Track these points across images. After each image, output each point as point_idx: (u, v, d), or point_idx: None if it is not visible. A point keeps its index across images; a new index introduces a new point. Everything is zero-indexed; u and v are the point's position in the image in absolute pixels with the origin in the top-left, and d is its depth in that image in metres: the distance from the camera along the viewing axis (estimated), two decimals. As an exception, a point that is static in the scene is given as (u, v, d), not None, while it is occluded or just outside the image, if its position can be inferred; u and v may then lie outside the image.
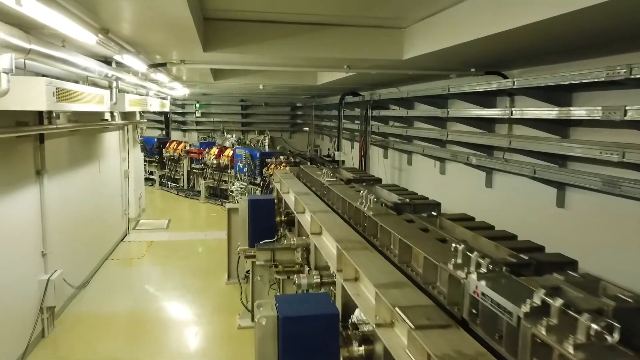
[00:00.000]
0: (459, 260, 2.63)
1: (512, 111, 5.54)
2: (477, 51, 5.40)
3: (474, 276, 2.41)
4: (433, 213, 4.09)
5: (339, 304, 3.40)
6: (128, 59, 5.12)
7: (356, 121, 13.47)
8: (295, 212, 5.40)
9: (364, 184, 5.77)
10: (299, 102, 19.83)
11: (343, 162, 12.76)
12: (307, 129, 19.94)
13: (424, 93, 8.21)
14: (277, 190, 7.76)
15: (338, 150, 12.69)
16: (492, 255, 2.67)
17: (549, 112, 4.99)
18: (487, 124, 7.07)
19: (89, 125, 7.34)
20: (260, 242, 5.74)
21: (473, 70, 6.55)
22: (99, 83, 6.91)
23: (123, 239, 10.36)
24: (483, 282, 2.27)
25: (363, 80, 9.49)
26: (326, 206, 4.91)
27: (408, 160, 10.35)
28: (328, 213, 4.51)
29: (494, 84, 6.02)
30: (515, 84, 5.46)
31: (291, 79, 10.53)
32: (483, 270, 2.44)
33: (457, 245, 2.70)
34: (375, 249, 3.53)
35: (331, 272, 4.11)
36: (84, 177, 7.70)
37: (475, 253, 2.53)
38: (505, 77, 6.65)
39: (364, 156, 11.11)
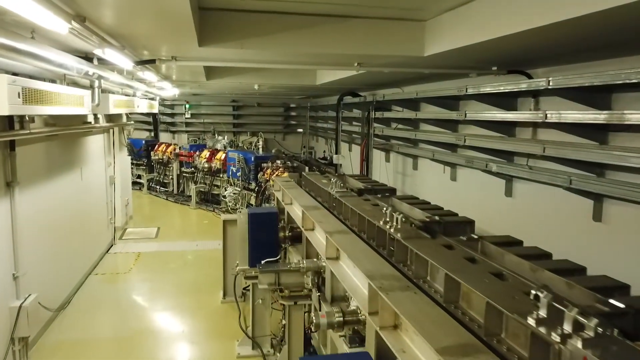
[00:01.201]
0: (542, 313, 2.03)
1: (546, 114, 4.92)
2: (505, 48, 4.79)
3: (577, 343, 1.80)
4: (473, 236, 3.47)
5: (371, 350, 2.78)
6: (111, 55, 4.43)
7: (354, 123, 12.88)
8: (303, 229, 4.75)
9: (379, 195, 5.15)
10: (293, 103, 19.18)
11: (341, 165, 12.15)
12: (301, 130, 19.31)
13: (436, 94, 7.59)
14: (277, 199, 7.14)
15: (336, 153, 12.07)
16: (574, 301, 2.07)
17: (595, 115, 4.38)
18: (507, 128, 6.48)
19: (68, 129, 6.61)
20: (263, 262, 5.12)
21: (495, 68, 5.94)
22: (79, 82, 6.19)
23: (109, 250, 9.61)
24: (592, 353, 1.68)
25: (366, 80, 8.87)
26: (341, 224, 4.27)
27: (413, 165, 9.75)
28: (346, 234, 3.87)
29: (522, 83, 5.42)
30: (550, 83, 4.86)
31: (289, 79, 9.88)
32: (589, 333, 1.83)
33: (538, 293, 2.10)
34: (410, 281, 2.91)
35: (354, 306, 3.48)
36: (64, 186, 6.97)
37: (574, 310, 1.91)
38: (529, 77, 6.07)
39: (365, 160, 10.48)
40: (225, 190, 12.95)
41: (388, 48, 4.97)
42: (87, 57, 5.25)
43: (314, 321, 3.26)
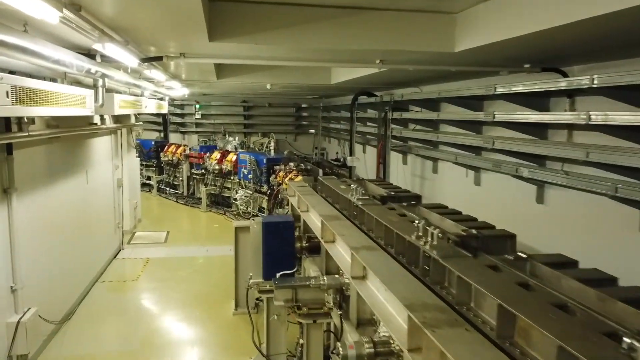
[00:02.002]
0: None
1: (589, 115, 4.47)
2: (542, 43, 4.35)
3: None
4: (521, 254, 3.04)
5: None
6: (113, 50, 4.05)
7: (369, 123, 12.46)
8: (322, 241, 4.34)
9: (404, 203, 4.74)
10: (304, 103, 18.79)
11: (354, 167, 11.72)
12: (312, 131, 18.90)
13: (460, 93, 7.15)
14: (292, 205, 6.76)
15: (350, 155, 11.62)
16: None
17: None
18: (539, 130, 6.02)
19: (72, 131, 6.27)
20: (278, 275, 4.74)
21: (528, 66, 5.49)
22: (83, 82, 5.84)
23: (116, 255, 9.28)
24: None
25: (384, 78, 8.43)
26: (366, 237, 3.85)
27: (433, 168, 9.30)
28: (373, 251, 3.45)
29: (560, 82, 4.97)
30: (594, 81, 4.41)
31: (303, 78, 9.48)
32: None
33: (635, 343, 1.70)
34: (451, 307, 2.50)
35: (384, 332, 3.08)
36: (68, 190, 6.62)
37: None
38: (564, 75, 5.61)
39: (382, 163, 10.05)
40: (237, 193, 12.59)
41: (414, 43, 4.55)
42: (90, 55, 4.90)
43: (341, 352, 2.85)
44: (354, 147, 11.44)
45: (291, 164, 10.72)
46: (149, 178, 16.33)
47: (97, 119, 7.66)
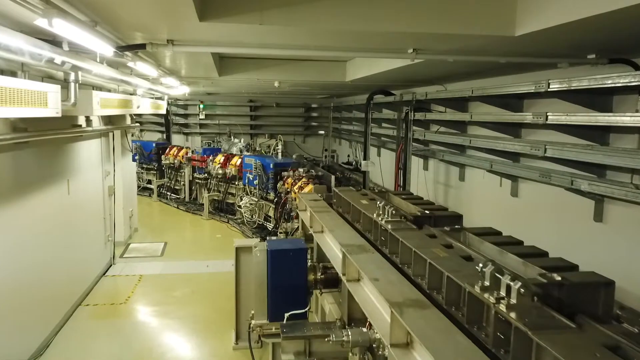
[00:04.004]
0: None
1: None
2: (619, 26, 3.35)
3: None
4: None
5: None
6: (69, 30, 3.06)
7: (384, 124, 11.47)
8: (344, 279, 3.38)
9: (446, 228, 3.77)
10: (314, 103, 17.82)
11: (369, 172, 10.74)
12: (322, 132, 17.93)
13: (498, 91, 6.12)
14: (302, 221, 5.83)
15: (364, 159, 10.61)
16: None
17: None
18: (598, 134, 5.02)
19: (46, 135, 5.33)
20: (287, 315, 3.81)
21: (593, 56, 4.47)
22: (55, 76, 4.89)
23: (106, 272, 8.35)
24: None
25: (407, 74, 7.45)
26: (406, 282, 2.87)
27: (460, 175, 8.29)
28: (422, 309, 2.46)
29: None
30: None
31: (315, 74, 8.52)
32: None
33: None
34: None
35: None
36: (43, 203, 5.70)
37: None
38: (635, 67, 4.60)
39: (402, 168, 9.05)
40: (241, 200, 11.63)
41: (464, 25, 3.55)
42: (56, 42, 3.95)
43: None
44: (369, 151, 10.44)
45: (300, 169, 9.73)
46: (149, 182, 15.48)
47: (81, 121, 6.72)
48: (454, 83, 8.38)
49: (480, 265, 2.45)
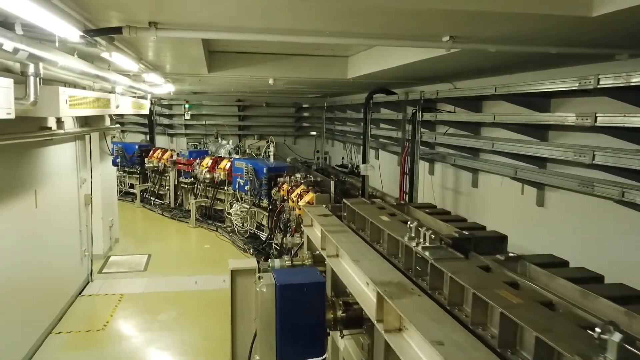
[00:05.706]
0: None
1: None
2: None
3: None
4: None
5: None
6: (26, 9, 2.28)
7: (382, 125, 10.73)
8: (379, 326, 2.64)
9: (499, 256, 3.05)
10: (305, 103, 17.04)
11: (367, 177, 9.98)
12: (314, 133, 17.16)
13: (527, 89, 5.41)
14: (307, 237, 5.11)
15: (363, 162, 9.84)
16: None
17: None
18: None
19: (5, 140, 4.47)
20: (300, 364, 3.04)
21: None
22: (12, 69, 4.04)
23: (82, 291, 7.47)
24: None
25: (419, 71, 6.73)
26: (475, 340, 2.14)
27: (473, 181, 7.58)
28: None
29: None
30: None
31: (314, 71, 7.75)
32: None
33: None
34: None
35: None
36: (3, 218, 4.84)
37: None
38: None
39: (407, 173, 8.32)
40: (231, 206, 10.80)
41: (526, 2, 2.81)
42: (7, 23, 3.13)
43: None
44: (368, 153, 9.68)
45: (297, 175, 8.95)
46: (132, 186, 14.56)
47: (51, 122, 5.87)
48: (463, 81, 7.68)
49: (598, 330, 1.75)
